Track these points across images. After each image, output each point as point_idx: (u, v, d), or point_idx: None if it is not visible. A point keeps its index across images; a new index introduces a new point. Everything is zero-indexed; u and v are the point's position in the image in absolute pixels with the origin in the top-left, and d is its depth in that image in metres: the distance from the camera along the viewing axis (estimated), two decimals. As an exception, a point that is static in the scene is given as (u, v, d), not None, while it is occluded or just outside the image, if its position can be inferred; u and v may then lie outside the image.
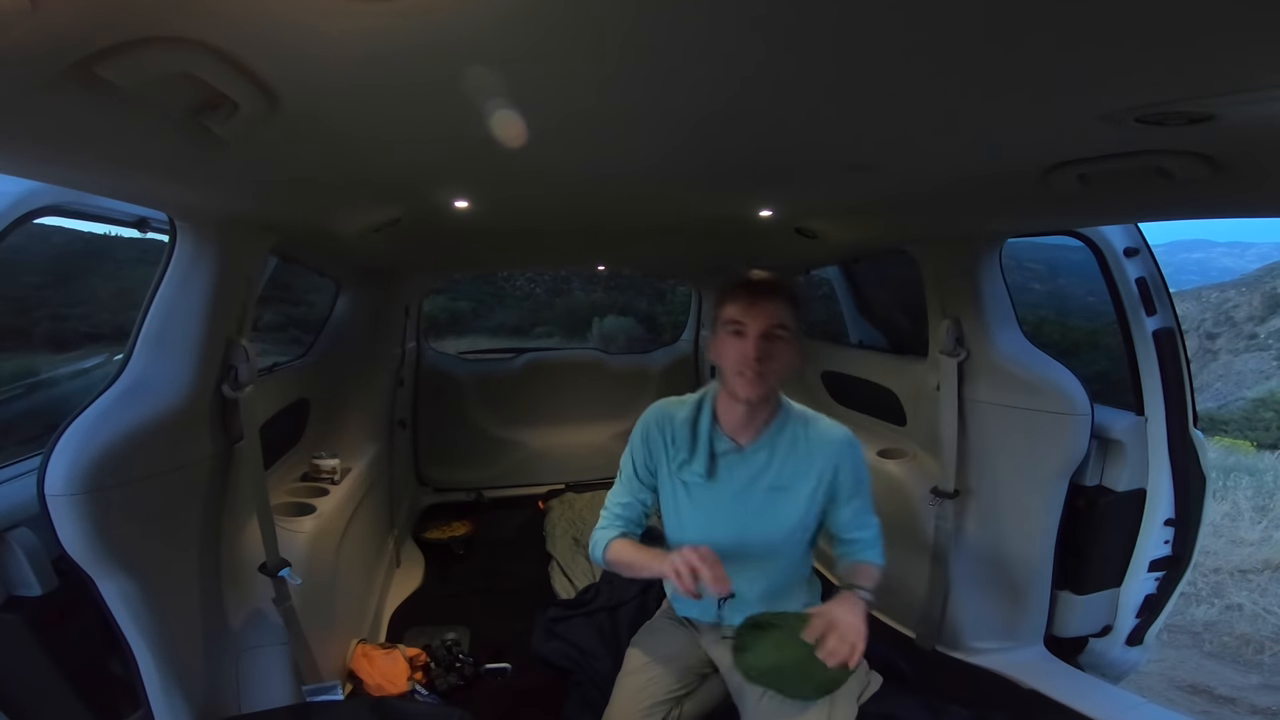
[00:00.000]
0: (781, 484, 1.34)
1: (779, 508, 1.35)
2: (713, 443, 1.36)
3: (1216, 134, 0.85)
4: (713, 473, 1.35)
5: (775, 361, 1.25)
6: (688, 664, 1.51)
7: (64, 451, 1.06)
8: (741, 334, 1.25)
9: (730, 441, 1.35)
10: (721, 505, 1.36)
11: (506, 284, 12.03)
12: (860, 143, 1.07)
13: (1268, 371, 15.77)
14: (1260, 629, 3.28)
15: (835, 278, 3.11)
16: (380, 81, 0.75)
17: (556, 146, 1.05)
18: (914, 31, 0.64)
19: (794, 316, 1.26)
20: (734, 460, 1.35)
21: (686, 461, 1.37)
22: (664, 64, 0.72)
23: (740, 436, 1.35)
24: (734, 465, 1.35)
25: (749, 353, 1.23)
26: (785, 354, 1.26)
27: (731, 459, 1.35)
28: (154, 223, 1.50)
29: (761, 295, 1.24)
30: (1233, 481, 5.29)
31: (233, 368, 1.37)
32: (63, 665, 1.17)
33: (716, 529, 1.36)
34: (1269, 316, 17.53)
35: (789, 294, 1.27)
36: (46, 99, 0.65)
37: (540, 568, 2.59)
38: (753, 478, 1.35)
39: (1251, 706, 2.69)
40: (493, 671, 1.87)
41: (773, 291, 1.25)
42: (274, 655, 1.46)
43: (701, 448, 1.36)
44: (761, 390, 1.26)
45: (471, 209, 1.66)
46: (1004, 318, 1.90)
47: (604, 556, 1.40)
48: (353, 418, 2.39)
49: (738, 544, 1.34)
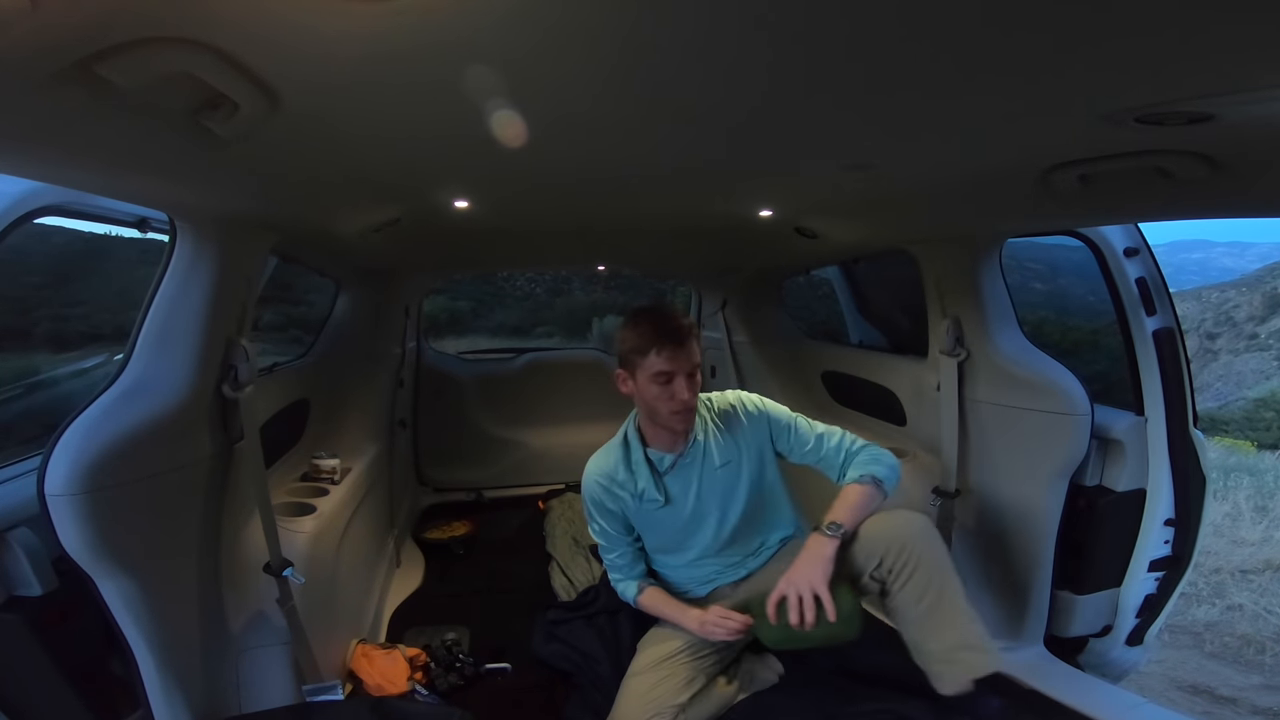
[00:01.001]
0: (724, 459, 1.54)
1: (733, 478, 1.55)
2: (653, 464, 1.55)
3: (1216, 134, 0.85)
4: (665, 493, 1.55)
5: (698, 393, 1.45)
6: (695, 668, 1.51)
7: (64, 451, 1.05)
8: (670, 380, 1.41)
9: (669, 455, 1.55)
10: (689, 506, 1.55)
11: (506, 284, 12.03)
12: (860, 143, 1.07)
13: (1268, 371, 15.76)
14: (1261, 629, 3.28)
15: (835, 278, 3.11)
16: (380, 81, 0.76)
17: (556, 146, 1.06)
18: (914, 31, 0.64)
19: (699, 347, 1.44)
20: (680, 467, 1.54)
21: (641, 494, 1.55)
22: (664, 64, 0.72)
23: (674, 447, 1.55)
24: (682, 470, 1.55)
25: (683, 394, 1.40)
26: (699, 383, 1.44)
27: (678, 467, 1.54)
28: (154, 223, 1.51)
29: (683, 342, 1.40)
30: (1233, 481, 5.28)
31: (233, 368, 1.37)
32: (63, 665, 1.17)
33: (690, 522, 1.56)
34: (1269, 316, 17.52)
35: (694, 331, 1.43)
36: (46, 99, 0.65)
37: (540, 568, 2.58)
38: (699, 469, 1.54)
39: (1253, 707, 2.68)
40: (493, 671, 1.87)
41: (689, 335, 1.41)
42: (274, 655, 1.46)
43: (643, 476, 1.54)
44: (690, 422, 1.49)
45: (471, 209, 1.66)
46: (1004, 318, 1.89)
47: (637, 602, 1.64)
48: (353, 418, 2.39)
49: (720, 524, 1.56)
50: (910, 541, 1.39)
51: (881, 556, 1.40)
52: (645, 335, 1.41)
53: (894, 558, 1.39)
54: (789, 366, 3.06)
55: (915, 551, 1.38)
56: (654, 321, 1.42)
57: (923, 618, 1.37)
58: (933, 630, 1.37)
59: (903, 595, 1.39)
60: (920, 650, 1.40)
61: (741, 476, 1.56)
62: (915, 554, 1.38)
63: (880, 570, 1.41)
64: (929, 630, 1.37)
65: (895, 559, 1.39)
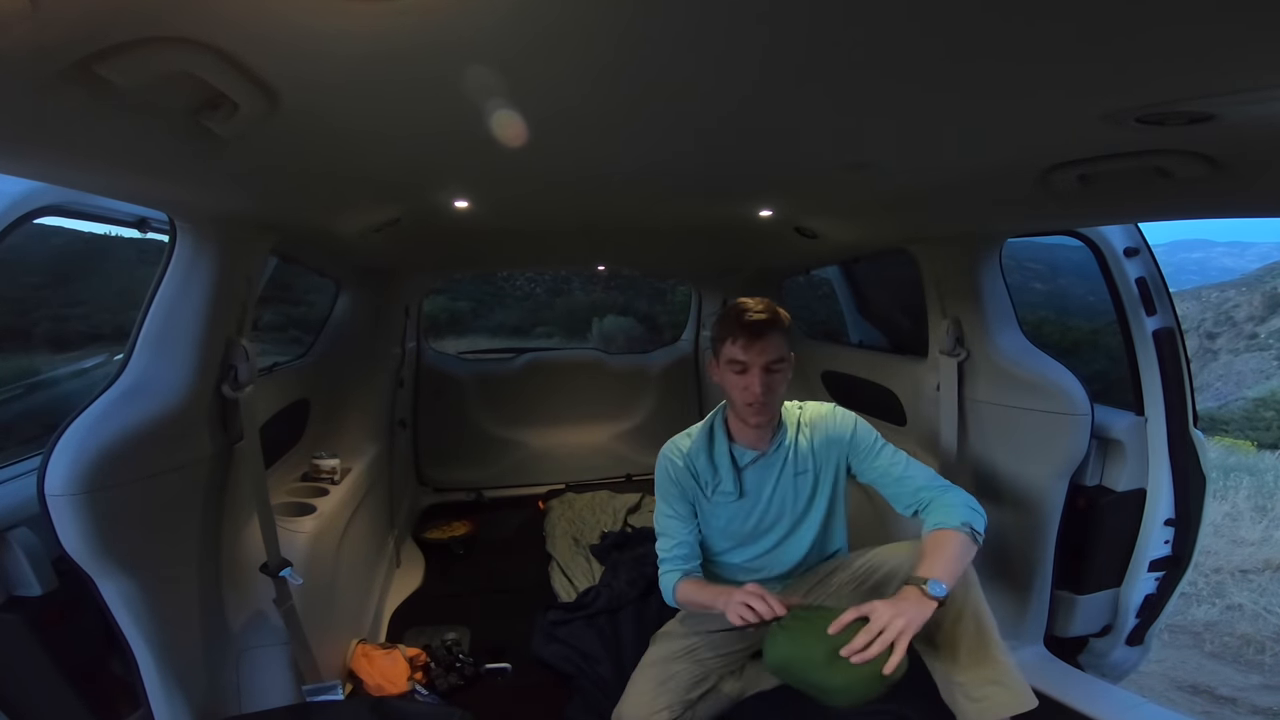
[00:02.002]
0: (801, 468, 1.52)
1: (803, 488, 1.53)
2: (735, 459, 1.53)
3: (1216, 134, 0.85)
4: (741, 487, 1.53)
5: (775, 392, 1.41)
6: (706, 667, 1.52)
7: (64, 451, 1.05)
8: (745, 371, 1.39)
9: (751, 452, 1.52)
10: (760, 504, 1.54)
11: (506, 284, 12.04)
12: (860, 143, 1.07)
13: (1268, 371, 15.76)
14: (1261, 629, 3.28)
15: (835, 278, 3.11)
16: (381, 81, 0.75)
17: (557, 146, 1.06)
18: (914, 31, 0.64)
19: (788, 343, 1.42)
20: (761, 464, 1.52)
21: (716, 486, 1.53)
22: (664, 64, 0.72)
23: (759, 445, 1.52)
24: (762, 468, 1.53)
25: (755, 388, 1.38)
26: (783, 382, 1.42)
27: (759, 464, 1.52)
28: (154, 223, 1.50)
29: (760, 334, 1.37)
30: (1233, 481, 5.28)
31: (233, 368, 1.37)
32: (63, 665, 1.17)
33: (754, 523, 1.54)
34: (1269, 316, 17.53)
35: (781, 326, 1.40)
36: (47, 99, 0.65)
37: (540, 568, 2.59)
38: (779, 471, 1.52)
39: (1253, 707, 2.68)
40: (493, 671, 1.87)
41: (769, 328, 1.38)
42: (274, 655, 1.46)
43: (724, 469, 1.53)
44: (768, 416, 1.45)
45: (471, 209, 1.66)
46: (1004, 318, 1.89)
47: (675, 599, 1.51)
48: (353, 418, 2.39)
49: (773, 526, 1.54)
50: None
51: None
52: (727, 324, 1.42)
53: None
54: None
55: None
56: (739, 311, 1.40)
57: (948, 649, 1.34)
58: (961, 663, 1.32)
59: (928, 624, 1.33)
60: (947, 682, 1.35)
61: (817, 486, 1.54)
62: None
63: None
64: (956, 663, 1.33)
65: None
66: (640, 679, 1.51)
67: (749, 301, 1.42)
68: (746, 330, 1.37)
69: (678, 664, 1.50)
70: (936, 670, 1.38)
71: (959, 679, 1.33)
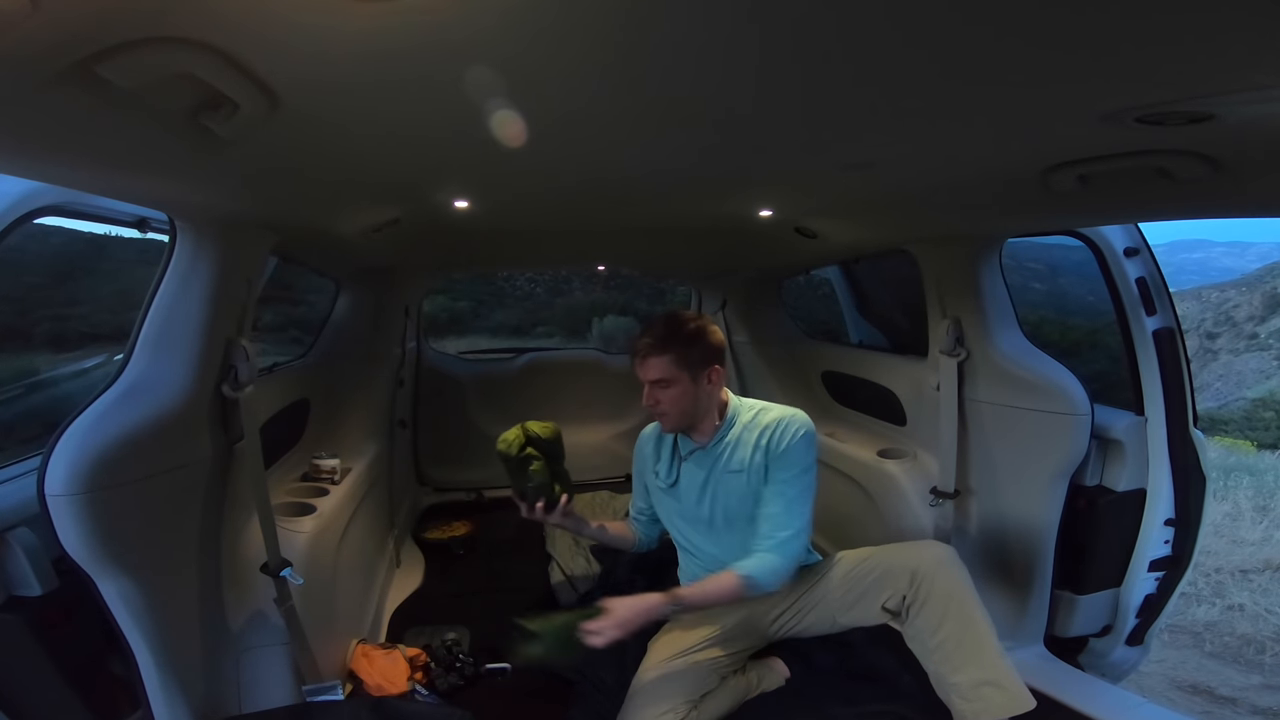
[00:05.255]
0: (734, 467, 1.56)
1: (734, 486, 1.56)
2: (678, 448, 1.64)
3: (1216, 134, 0.85)
4: (677, 476, 1.63)
5: (666, 404, 1.51)
6: (710, 667, 1.52)
7: (64, 451, 1.05)
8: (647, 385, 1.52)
9: (692, 443, 1.61)
10: (693, 494, 1.61)
11: (506, 284, 12.04)
12: (860, 143, 1.07)
13: (1268, 371, 15.76)
14: (1261, 629, 3.28)
15: (835, 278, 3.11)
16: (381, 81, 0.76)
17: (557, 146, 1.06)
18: (914, 31, 0.64)
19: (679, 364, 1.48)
20: (699, 456, 1.60)
21: (656, 472, 1.69)
22: (663, 63, 0.72)
23: (701, 438, 1.59)
24: (698, 461, 1.60)
25: (649, 401, 1.53)
26: (675, 399, 1.50)
27: (698, 455, 1.60)
28: (154, 223, 1.50)
29: (642, 356, 1.50)
30: (1233, 481, 5.28)
31: (233, 368, 1.37)
32: (63, 665, 1.17)
33: (692, 513, 1.63)
34: (1269, 316, 17.53)
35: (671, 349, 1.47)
36: (47, 99, 0.65)
37: (540, 568, 2.58)
38: (712, 466, 1.58)
39: (1253, 707, 2.68)
40: (493, 671, 1.87)
41: (651, 352, 1.48)
42: (274, 655, 1.46)
43: (665, 457, 1.67)
44: (670, 425, 1.57)
45: (471, 209, 1.66)
46: (1004, 317, 1.89)
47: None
48: (353, 418, 2.39)
49: (710, 520, 1.60)
50: (928, 571, 1.38)
51: (897, 585, 1.40)
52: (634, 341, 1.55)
53: (909, 587, 1.39)
54: (789, 366, 3.06)
55: (932, 581, 1.37)
56: (643, 329, 1.54)
57: (942, 650, 1.35)
58: (955, 664, 1.34)
59: (918, 625, 1.38)
60: (942, 683, 1.36)
61: (746, 487, 1.55)
62: (932, 584, 1.37)
63: (896, 599, 1.41)
64: (950, 663, 1.34)
65: (910, 588, 1.38)
66: (642, 682, 1.51)
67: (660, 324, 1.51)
68: (634, 351, 1.52)
69: (679, 666, 1.50)
70: (932, 672, 1.38)
71: (954, 680, 1.33)
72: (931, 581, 1.38)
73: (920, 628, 1.38)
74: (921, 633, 1.38)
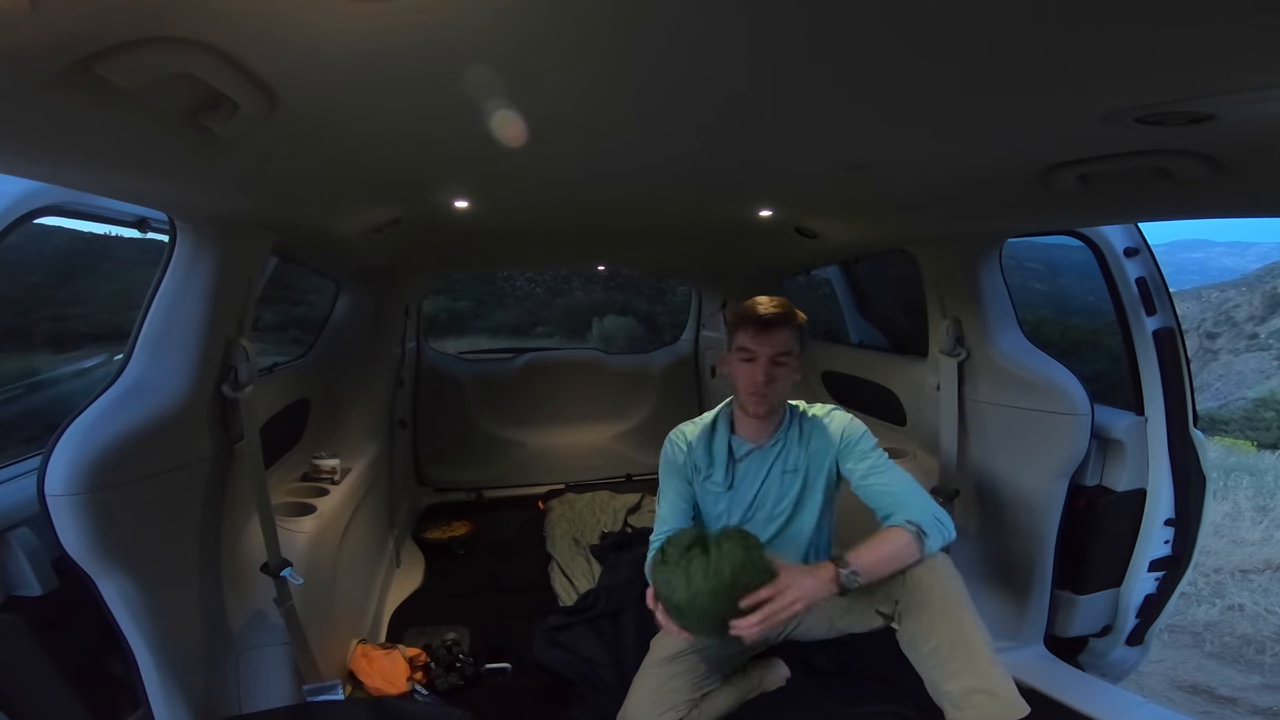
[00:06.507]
0: (790, 467, 1.55)
1: (790, 487, 1.55)
2: (732, 449, 1.57)
3: (1216, 134, 0.85)
4: (732, 479, 1.58)
5: (779, 383, 1.46)
6: (710, 666, 1.52)
7: (64, 451, 1.05)
8: (752, 360, 1.45)
9: (749, 444, 1.57)
10: (749, 498, 1.57)
11: (506, 284, 12.04)
12: (860, 143, 1.07)
13: (1268, 371, 15.75)
14: (1261, 629, 3.27)
15: (835, 278, 3.11)
16: (380, 81, 0.76)
17: (556, 146, 1.06)
18: (914, 31, 0.64)
19: (797, 341, 1.47)
20: (755, 457, 1.56)
21: (709, 475, 1.59)
22: (663, 63, 0.72)
23: (757, 438, 1.56)
24: (754, 461, 1.56)
25: (758, 377, 1.44)
26: (788, 376, 1.47)
27: (753, 457, 1.56)
28: (154, 223, 1.50)
29: (769, 326, 1.43)
30: (1233, 481, 5.28)
31: (233, 368, 1.37)
32: (63, 665, 1.17)
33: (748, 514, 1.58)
34: (1269, 316, 17.51)
35: (793, 323, 1.46)
36: (46, 99, 0.65)
37: (540, 568, 2.59)
38: (769, 466, 1.56)
39: (1253, 707, 2.68)
40: (493, 671, 1.87)
41: (779, 322, 1.43)
42: (274, 655, 1.46)
43: (719, 459, 1.58)
44: (768, 407, 1.48)
45: (471, 209, 1.66)
46: (1004, 317, 1.89)
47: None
48: (353, 418, 2.39)
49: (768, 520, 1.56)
50: (919, 576, 1.37)
51: (890, 590, 1.38)
52: (741, 314, 1.48)
53: (902, 592, 1.37)
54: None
55: (925, 588, 1.35)
56: (754, 304, 1.47)
57: (935, 656, 1.34)
58: (948, 671, 1.32)
59: (911, 630, 1.36)
60: (937, 691, 1.35)
61: (806, 488, 1.55)
62: (924, 590, 1.35)
63: (889, 604, 1.40)
64: (944, 671, 1.33)
65: (903, 594, 1.37)
66: (643, 680, 1.51)
67: (765, 298, 1.48)
68: (757, 321, 1.44)
69: (681, 664, 1.50)
70: (926, 678, 1.38)
71: (947, 688, 1.32)
72: (924, 587, 1.36)
73: (913, 633, 1.37)
74: (914, 638, 1.37)
